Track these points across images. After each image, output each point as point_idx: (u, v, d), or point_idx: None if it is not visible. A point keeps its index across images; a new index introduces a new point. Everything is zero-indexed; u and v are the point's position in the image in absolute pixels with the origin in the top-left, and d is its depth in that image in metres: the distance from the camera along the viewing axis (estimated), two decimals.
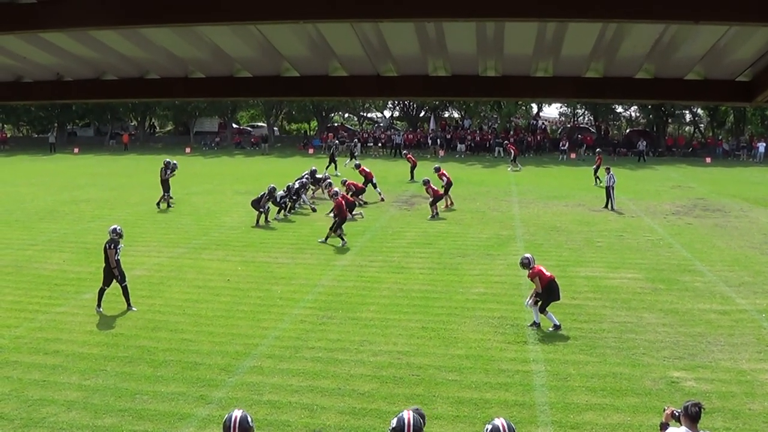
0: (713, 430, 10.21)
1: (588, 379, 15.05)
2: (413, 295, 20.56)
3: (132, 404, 13.66)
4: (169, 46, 6.14)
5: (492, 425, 7.99)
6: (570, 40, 5.88)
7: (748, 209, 37.48)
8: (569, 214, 35.06)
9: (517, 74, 6.73)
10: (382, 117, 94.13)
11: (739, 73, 6.56)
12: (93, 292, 20.46)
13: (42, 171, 53.20)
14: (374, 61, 6.47)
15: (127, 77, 6.97)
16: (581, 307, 19.73)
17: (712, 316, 19.08)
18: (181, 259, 25.08)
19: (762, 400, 14.06)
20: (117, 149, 72.62)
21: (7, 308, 19.41)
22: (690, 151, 73.27)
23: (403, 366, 15.64)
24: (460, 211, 35.16)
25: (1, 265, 24.16)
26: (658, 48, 5.98)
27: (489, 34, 5.80)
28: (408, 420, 7.97)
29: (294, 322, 18.49)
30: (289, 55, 6.38)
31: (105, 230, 29.35)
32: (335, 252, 26.25)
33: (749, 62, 6.29)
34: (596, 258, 25.84)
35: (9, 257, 25.27)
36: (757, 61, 6.23)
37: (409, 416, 8.03)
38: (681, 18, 5.00)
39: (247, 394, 14.17)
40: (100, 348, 16.54)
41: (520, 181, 48.82)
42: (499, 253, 26.09)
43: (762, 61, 6.22)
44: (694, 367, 15.74)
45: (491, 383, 14.83)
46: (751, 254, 26.62)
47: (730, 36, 5.74)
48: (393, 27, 5.67)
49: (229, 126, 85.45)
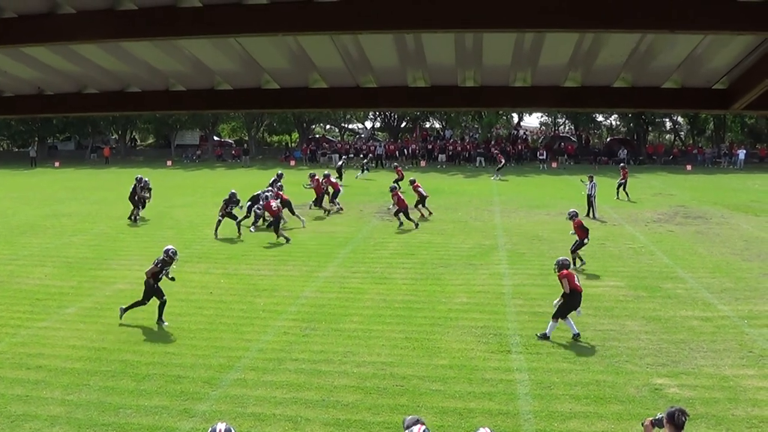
0: None
1: (571, 387, 15.10)
2: (396, 305, 20.59)
3: (115, 419, 13.62)
4: (149, 59, 6.16)
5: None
6: (548, 51, 5.94)
7: (728, 216, 37.68)
8: (551, 223, 35.12)
9: (496, 84, 6.78)
10: (363, 128, 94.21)
11: (716, 81, 6.63)
12: (75, 306, 20.59)
13: (23, 185, 52.98)
14: (354, 73, 6.50)
15: (108, 91, 6.98)
16: None
17: (694, 322, 19.18)
18: None
19: (745, 406, 14.16)
20: (98, 163, 72.40)
21: None
22: (670, 159, 73.67)
23: (386, 377, 15.65)
24: (442, 221, 35.22)
25: None
26: (635, 57, 6.04)
27: (467, 45, 5.85)
28: None
29: (277, 334, 18.48)
30: (269, 68, 6.41)
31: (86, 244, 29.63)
32: (318, 263, 26.21)
33: (725, 70, 6.37)
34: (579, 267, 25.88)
35: None
36: (732, 69, 6.30)
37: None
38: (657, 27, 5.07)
39: (230, 406, 14.15)
40: (83, 362, 16.48)
41: (502, 191, 48.94)
42: (481, 262, 26.14)
43: (738, 69, 6.30)
44: (677, 373, 15.82)
45: (475, 393, 14.86)
46: (733, 261, 26.76)
47: (705, 45, 5.81)
48: (372, 39, 5.71)
49: (211, 139, 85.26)
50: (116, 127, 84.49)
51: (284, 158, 75.38)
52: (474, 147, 74.88)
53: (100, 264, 26.35)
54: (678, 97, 6.88)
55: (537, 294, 21.91)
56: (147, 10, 4.93)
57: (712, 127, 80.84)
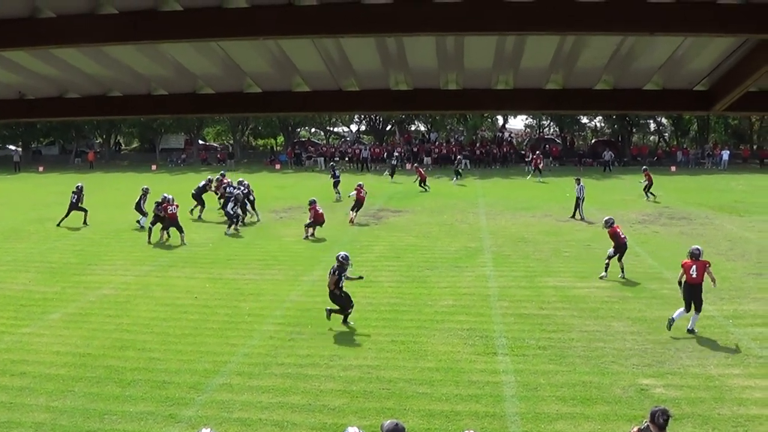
0: None
1: (558, 388, 15.13)
2: (382, 308, 20.59)
3: (101, 425, 13.58)
4: (131, 63, 6.16)
5: None
6: (529, 53, 5.96)
7: (713, 216, 37.84)
8: (537, 225, 35.25)
9: (478, 87, 6.80)
10: (348, 131, 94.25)
11: (697, 83, 6.67)
12: (59, 312, 20.56)
13: (6, 190, 52.76)
14: (336, 76, 6.51)
15: (91, 95, 6.97)
16: (550, 317, 19.83)
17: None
18: (148, 277, 24.96)
19: (731, 405, 14.21)
20: (82, 167, 72.06)
21: None
22: (655, 160, 73.89)
23: (373, 380, 15.66)
24: (428, 223, 35.25)
25: None
26: (616, 59, 6.07)
27: (449, 48, 5.87)
28: None
29: (263, 338, 18.45)
30: (252, 72, 6.41)
31: (70, 249, 29.54)
32: (304, 267, 26.18)
33: (706, 72, 6.40)
34: (564, 268, 26.00)
35: None
36: (714, 70, 6.34)
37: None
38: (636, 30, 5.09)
39: (216, 411, 14.11)
40: (68, 369, 16.40)
41: (487, 193, 49.03)
42: (467, 265, 26.17)
43: (719, 70, 6.33)
44: (663, 373, 15.88)
45: (462, 395, 14.87)
46: (717, 261, 26.77)
47: (686, 47, 5.84)
48: (353, 42, 5.73)
49: (196, 143, 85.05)
50: (100, 132, 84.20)
51: (269, 162, 75.44)
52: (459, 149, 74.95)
53: (84, 269, 26.27)
54: (660, 99, 6.91)
55: (522, 296, 21.96)
56: (128, 14, 4.93)
57: (696, 128, 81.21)
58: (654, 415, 9.27)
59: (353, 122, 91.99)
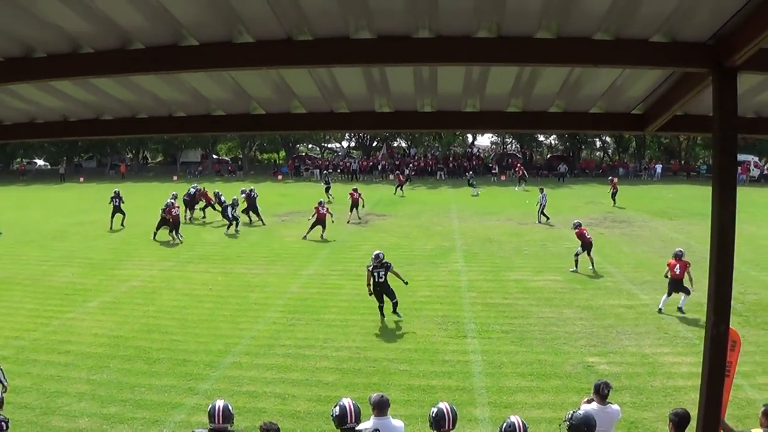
0: (621, 404, 10.32)
1: (518, 366, 15.15)
2: (368, 299, 20.40)
3: (132, 395, 13.63)
4: (155, 90, 6.19)
5: (437, 408, 8.05)
6: (493, 81, 6.01)
7: (649, 220, 37.95)
8: (501, 227, 35.24)
9: (449, 109, 6.84)
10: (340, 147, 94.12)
11: (634, 107, 6.73)
12: (97, 300, 20.67)
13: (53, 198, 52.49)
14: (329, 100, 6.54)
15: (121, 117, 6.99)
16: (512, 305, 19.85)
17: (620, 310, 19.32)
18: (170, 272, 24.89)
19: (662, 378, 14.32)
20: (115, 178, 71.57)
21: (26, 315, 19.24)
22: (600, 172, 74.10)
23: (361, 359, 15.64)
24: (408, 226, 35.18)
25: (21, 278, 23.92)
26: (566, 87, 6.12)
27: (424, 76, 5.91)
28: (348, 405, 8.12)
29: (267, 323, 18.41)
30: (256, 96, 6.44)
31: (106, 248, 29.51)
32: (302, 263, 26.14)
33: (641, 98, 6.47)
34: (524, 264, 26.00)
35: (27, 272, 24.98)
36: (647, 97, 6.41)
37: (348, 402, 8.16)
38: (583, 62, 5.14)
39: (228, 385, 14.10)
40: (104, 348, 16.42)
41: (458, 200, 49.02)
42: (441, 261, 26.17)
43: (651, 98, 6.41)
44: (606, 353, 15.94)
45: (436, 372, 14.88)
46: (652, 258, 26.94)
47: (625, 77, 5.91)
48: (343, 71, 5.77)
49: (210, 157, 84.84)
50: (131, 148, 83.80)
51: (273, 173, 75.22)
52: (435, 163, 75.11)
53: (117, 264, 26.19)
54: (603, 121, 6.97)
55: (488, 288, 21.98)
56: (153, 49, 4.96)
57: (635, 145, 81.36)
58: (598, 387, 9.29)
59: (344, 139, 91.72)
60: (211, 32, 4.82)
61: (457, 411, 8.09)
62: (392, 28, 4.76)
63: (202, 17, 4.59)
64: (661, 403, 13.02)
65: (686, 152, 79.65)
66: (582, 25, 4.75)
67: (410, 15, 4.57)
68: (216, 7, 4.43)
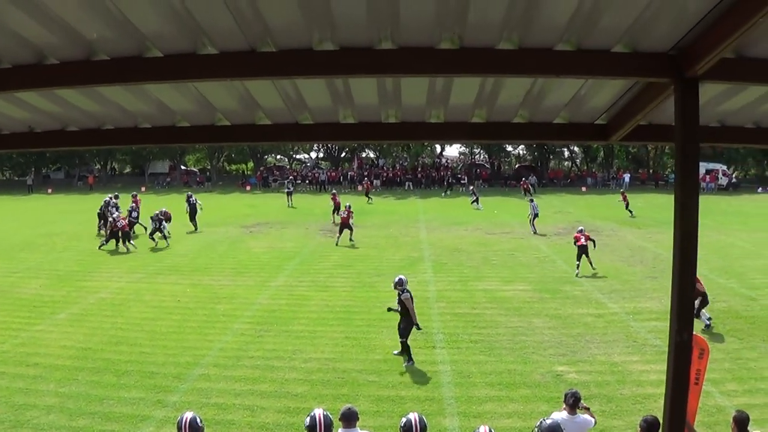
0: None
1: (487, 375, 15.23)
2: (337, 309, 20.57)
3: (101, 408, 13.56)
4: (120, 101, 6.18)
5: (406, 419, 8.09)
6: (456, 92, 6.06)
7: (617, 229, 38.30)
8: (469, 237, 35.40)
9: (414, 120, 6.88)
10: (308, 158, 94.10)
11: (597, 117, 6.81)
12: (65, 312, 20.60)
13: (21, 209, 51.82)
14: (293, 111, 6.56)
15: (87, 128, 6.97)
16: (480, 315, 19.94)
17: (588, 318, 19.48)
18: (138, 283, 24.69)
19: (631, 386, 14.47)
20: (83, 189, 70.92)
21: None
22: (568, 182, 74.73)
23: (330, 370, 15.63)
24: (376, 236, 35.19)
25: None
26: (529, 97, 6.19)
27: (388, 87, 5.95)
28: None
29: (235, 335, 18.35)
30: (221, 108, 6.45)
31: (73, 259, 29.26)
32: (270, 274, 26.08)
33: (604, 108, 6.56)
34: (492, 273, 26.13)
35: None
36: (610, 107, 6.50)
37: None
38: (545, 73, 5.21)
39: (197, 398, 14.05)
40: (72, 360, 16.31)
41: (427, 210, 49.17)
42: (410, 271, 26.13)
43: (614, 108, 6.50)
44: (575, 361, 16.07)
45: (405, 382, 14.93)
46: (620, 266, 27.22)
47: (587, 87, 5.99)
48: (307, 83, 5.80)
49: (178, 168, 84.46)
50: (99, 159, 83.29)
51: (241, 184, 75.00)
52: (404, 173, 75.28)
53: (86, 276, 26.00)
54: (567, 131, 7.05)
55: (457, 298, 22.06)
56: (118, 60, 4.96)
57: (603, 155, 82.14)
58: (565, 396, 9.40)
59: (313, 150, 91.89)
60: (175, 44, 4.82)
61: (426, 421, 8.13)
62: (355, 40, 4.80)
63: (166, 29, 4.59)
64: (630, 411, 13.16)
65: (654, 161, 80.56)
66: (543, 36, 4.81)
67: (373, 26, 4.61)
68: (180, 18, 4.44)
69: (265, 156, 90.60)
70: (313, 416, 8.18)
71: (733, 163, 75.66)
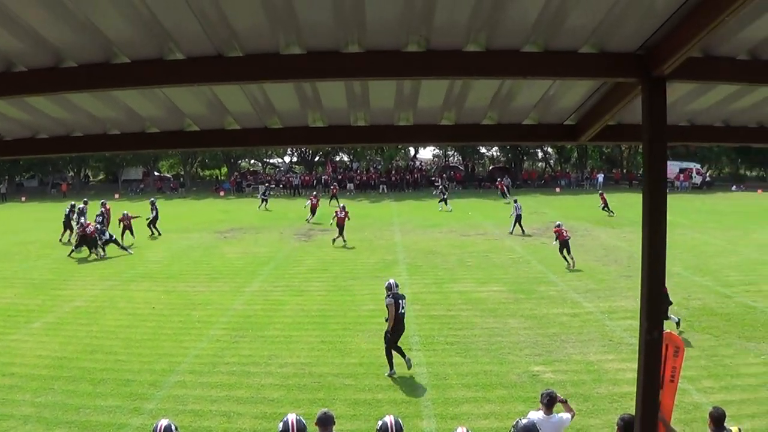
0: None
1: (463, 377, 15.28)
2: (313, 314, 20.55)
3: (77, 417, 13.47)
4: (89, 108, 6.15)
5: (382, 422, 8.12)
6: (424, 95, 6.08)
7: (591, 229, 38.55)
8: (443, 240, 35.48)
9: (383, 123, 6.90)
10: (282, 162, 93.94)
11: (567, 118, 6.86)
12: (40, 321, 20.39)
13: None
14: (261, 116, 6.55)
15: (57, 135, 6.93)
16: (455, 317, 20.00)
17: (564, 318, 19.59)
18: (113, 291, 24.55)
19: (607, 385, 14.59)
20: (57, 197, 70.24)
21: None
22: (542, 183, 75.10)
23: (306, 375, 15.61)
24: (351, 240, 35.05)
25: None
26: (497, 99, 6.22)
27: (356, 91, 5.96)
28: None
29: (211, 341, 18.27)
30: (190, 113, 6.43)
31: (48, 267, 29.04)
32: (245, 280, 26.00)
33: (573, 109, 6.60)
34: (467, 275, 26.20)
35: None
36: (579, 107, 6.54)
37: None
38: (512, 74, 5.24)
39: (173, 405, 13.99)
40: (48, 369, 16.18)
41: (401, 213, 49.27)
42: (385, 274, 26.12)
43: (583, 108, 6.55)
44: (551, 361, 16.16)
45: (382, 385, 14.94)
46: (595, 266, 27.39)
47: (556, 88, 6.03)
48: (275, 87, 5.81)
49: (152, 174, 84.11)
50: (72, 166, 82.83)
51: (215, 189, 74.78)
52: (378, 176, 75.36)
53: (60, 284, 25.83)
54: (536, 132, 7.09)
55: (432, 300, 22.11)
56: (86, 66, 4.94)
57: (576, 155, 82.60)
58: (541, 396, 9.47)
59: (286, 154, 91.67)
60: (142, 50, 4.81)
61: (402, 424, 8.17)
62: (322, 44, 4.81)
63: (133, 35, 4.58)
64: (607, 410, 13.25)
65: (628, 161, 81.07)
66: (510, 38, 4.83)
67: (339, 30, 4.62)
68: (146, 24, 4.43)
69: (238, 161, 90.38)
70: (286, 421, 8.20)
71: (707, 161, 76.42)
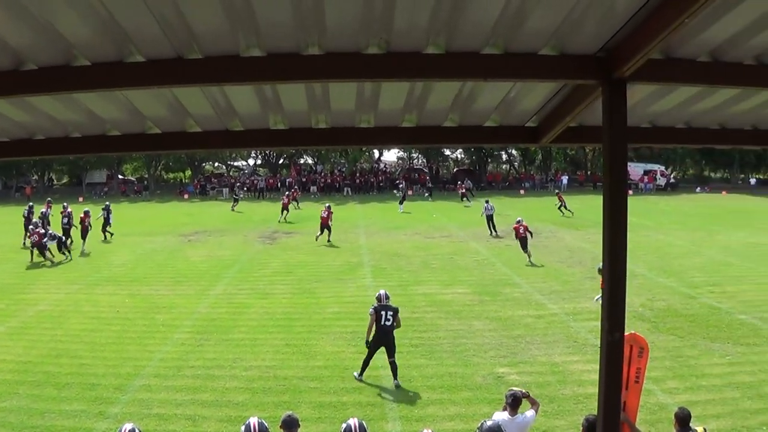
0: None
1: (428, 379, 15.31)
2: (277, 317, 20.49)
3: (42, 422, 13.32)
4: (50, 111, 6.12)
5: (346, 424, 8.12)
6: (385, 97, 6.11)
7: (555, 231, 38.84)
8: (408, 242, 35.55)
9: (344, 125, 6.92)
10: (246, 165, 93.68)
11: (528, 120, 6.92)
12: (4, 326, 20.18)
13: None
14: (222, 118, 6.56)
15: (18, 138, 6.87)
16: (420, 319, 20.02)
17: (529, 320, 19.70)
18: (77, 295, 24.28)
19: (572, 386, 14.67)
20: (21, 200, 69.24)
21: None
22: (507, 185, 75.54)
23: (271, 378, 15.56)
24: (315, 243, 35.07)
25: None
26: (458, 101, 6.26)
27: (317, 93, 5.98)
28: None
29: (176, 345, 18.15)
30: (150, 116, 6.41)
31: (11, 271, 28.71)
32: (209, 283, 25.86)
33: (534, 111, 6.66)
34: (432, 277, 26.27)
35: None
36: (540, 109, 6.60)
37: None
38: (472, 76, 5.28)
39: (138, 408, 13.87)
40: (12, 374, 15.99)
41: (366, 215, 49.27)
42: (349, 277, 26.23)
43: (544, 110, 6.61)
44: (516, 363, 16.24)
45: (347, 388, 14.92)
46: (560, 268, 27.58)
47: (517, 90, 6.08)
48: (235, 89, 5.81)
49: (116, 177, 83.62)
50: (36, 169, 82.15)
51: (179, 192, 74.51)
52: (342, 179, 75.36)
53: (24, 288, 25.45)
54: (498, 134, 7.14)
55: (397, 302, 21.71)
56: (45, 69, 4.91)
57: (541, 157, 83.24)
58: (506, 397, 9.53)
59: (250, 157, 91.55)
60: (102, 52, 4.78)
61: (367, 426, 8.17)
62: (282, 46, 4.82)
63: (93, 37, 4.56)
64: (572, 411, 13.34)
65: (593, 163, 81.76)
66: (470, 40, 4.87)
67: (299, 32, 4.63)
68: (106, 27, 4.40)
69: (203, 164, 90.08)
70: (248, 425, 8.18)
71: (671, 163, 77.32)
